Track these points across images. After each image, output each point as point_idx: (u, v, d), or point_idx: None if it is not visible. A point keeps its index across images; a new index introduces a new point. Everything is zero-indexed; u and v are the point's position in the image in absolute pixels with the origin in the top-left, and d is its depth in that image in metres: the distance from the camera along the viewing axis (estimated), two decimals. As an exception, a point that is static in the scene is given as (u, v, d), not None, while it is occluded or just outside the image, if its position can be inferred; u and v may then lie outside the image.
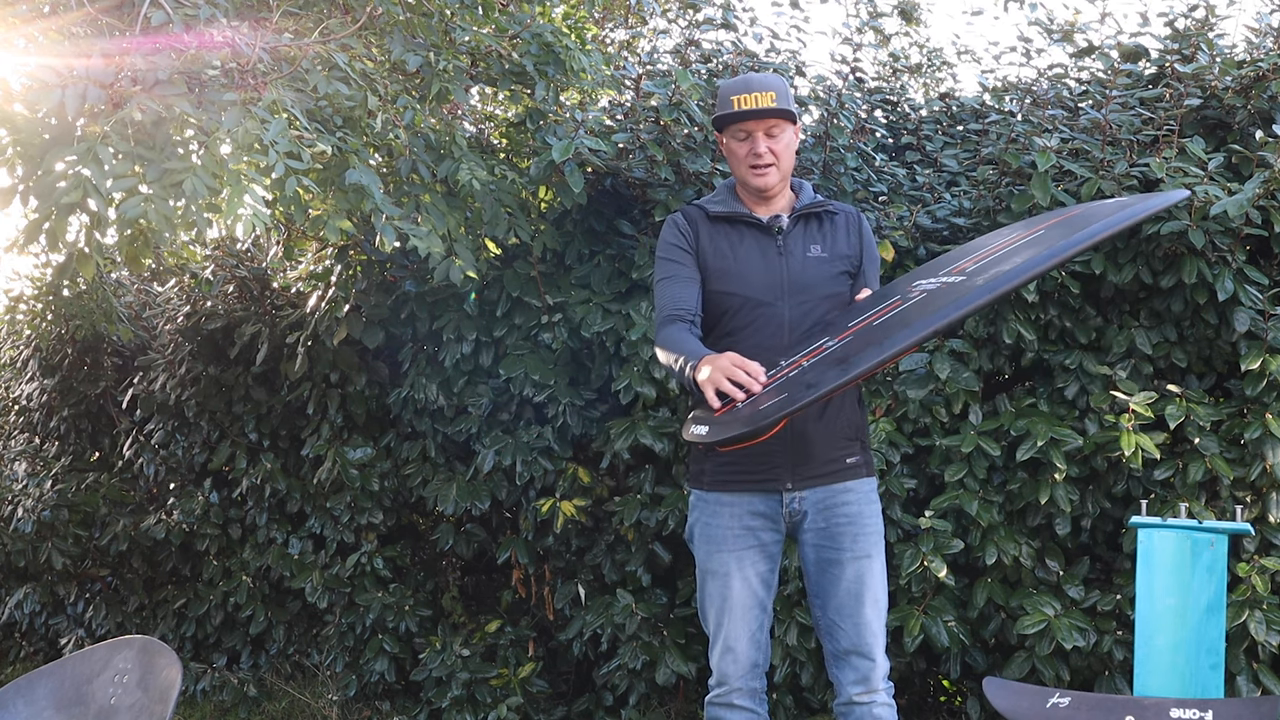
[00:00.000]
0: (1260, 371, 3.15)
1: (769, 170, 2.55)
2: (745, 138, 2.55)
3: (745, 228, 2.60)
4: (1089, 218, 2.33)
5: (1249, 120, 3.49)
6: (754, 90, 2.52)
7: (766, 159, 2.54)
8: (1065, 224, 2.38)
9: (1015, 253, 2.31)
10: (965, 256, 2.48)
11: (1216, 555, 2.64)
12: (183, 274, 4.93)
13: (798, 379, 2.21)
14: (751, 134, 2.54)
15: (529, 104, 3.74)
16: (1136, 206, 2.31)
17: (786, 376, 2.25)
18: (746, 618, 2.54)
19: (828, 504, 2.54)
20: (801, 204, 2.62)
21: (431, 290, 3.98)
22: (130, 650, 2.52)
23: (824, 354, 2.27)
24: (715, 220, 2.62)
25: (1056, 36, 3.84)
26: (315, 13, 3.20)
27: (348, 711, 4.29)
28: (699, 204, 2.68)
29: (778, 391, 2.21)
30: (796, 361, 2.31)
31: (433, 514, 4.40)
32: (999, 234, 2.61)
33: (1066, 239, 2.21)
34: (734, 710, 2.56)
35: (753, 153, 2.54)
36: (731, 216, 2.61)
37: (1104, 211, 2.35)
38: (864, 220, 2.69)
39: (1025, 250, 2.29)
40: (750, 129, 2.54)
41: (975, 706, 3.42)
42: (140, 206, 2.50)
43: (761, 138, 2.54)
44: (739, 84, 2.56)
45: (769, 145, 2.54)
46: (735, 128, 2.55)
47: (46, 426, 5.41)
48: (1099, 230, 2.21)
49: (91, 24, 2.78)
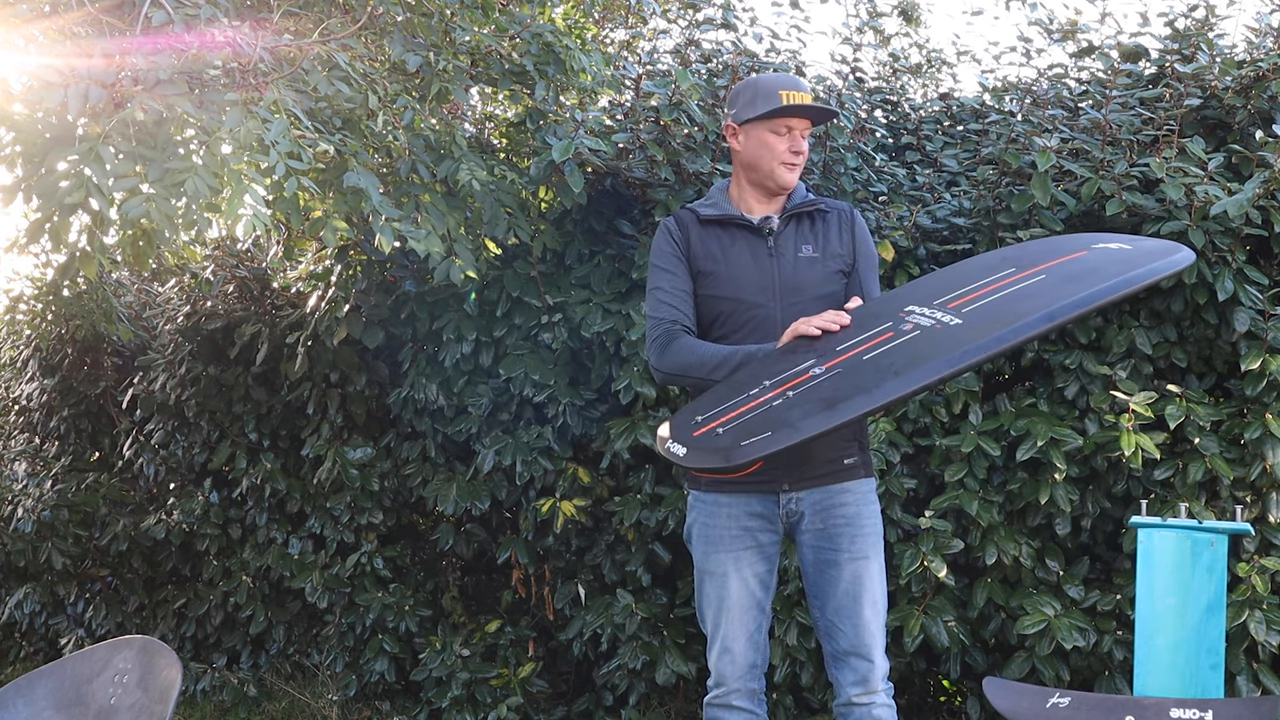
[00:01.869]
0: (1260, 371, 3.15)
1: (797, 168, 2.59)
2: (786, 133, 2.57)
3: (737, 230, 2.60)
4: (1091, 273, 2.30)
5: (1249, 120, 3.49)
6: (799, 89, 2.56)
7: (802, 157, 2.58)
8: (1066, 277, 2.33)
9: (1013, 300, 2.28)
10: (961, 286, 2.44)
11: (1216, 555, 2.64)
12: (183, 274, 4.93)
13: (782, 413, 2.16)
14: (792, 130, 2.57)
15: (529, 104, 3.74)
16: (1141, 271, 2.28)
17: (770, 404, 2.20)
18: (744, 618, 2.54)
19: (825, 505, 2.53)
20: (793, 204, 2.62)
21: (431, 290, 3.98)
22: (130, 650, 2.52)
23: (811, 385, 2.22)
24: (706, 224, 2.62)
25: (1056, 36, 3.84)
26: (316, 13, 3.20)
27: (348, 711, 4.29)
28: (690, 208, 2.68)
29: (760, 423, 2.16)
30: (783, 386, 2.25)
31: (433, 514, 4.40)
32: (996, 258, 2.56)
33: (1066, 300, 2.20)
34: (732, 711, 2.55)
35: (792, 150, 2.57)
36: (723, 219, 2.61)
37: (1108, 264, 2.32)
38: (857, 216, 2.68)
39: (1023, 301, 2.26)
40: (793, 124, 2.57)
41: (975, 706, 3.43)
42: (142, 206, 2.50)
43: (799, 135, 2.58)
44: (786, 80, 2.58)
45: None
46: (779, 122, 2.56)
47: (46, 426, 5.41)
48: (1099, 296, 2.21)
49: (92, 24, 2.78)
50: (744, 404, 2.23)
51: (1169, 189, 3.15)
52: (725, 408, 2.25)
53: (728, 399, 2.28)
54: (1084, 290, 2.23)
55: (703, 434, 2.21)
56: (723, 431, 2.18)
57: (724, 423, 2.20)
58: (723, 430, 2.18)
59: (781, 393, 2.22)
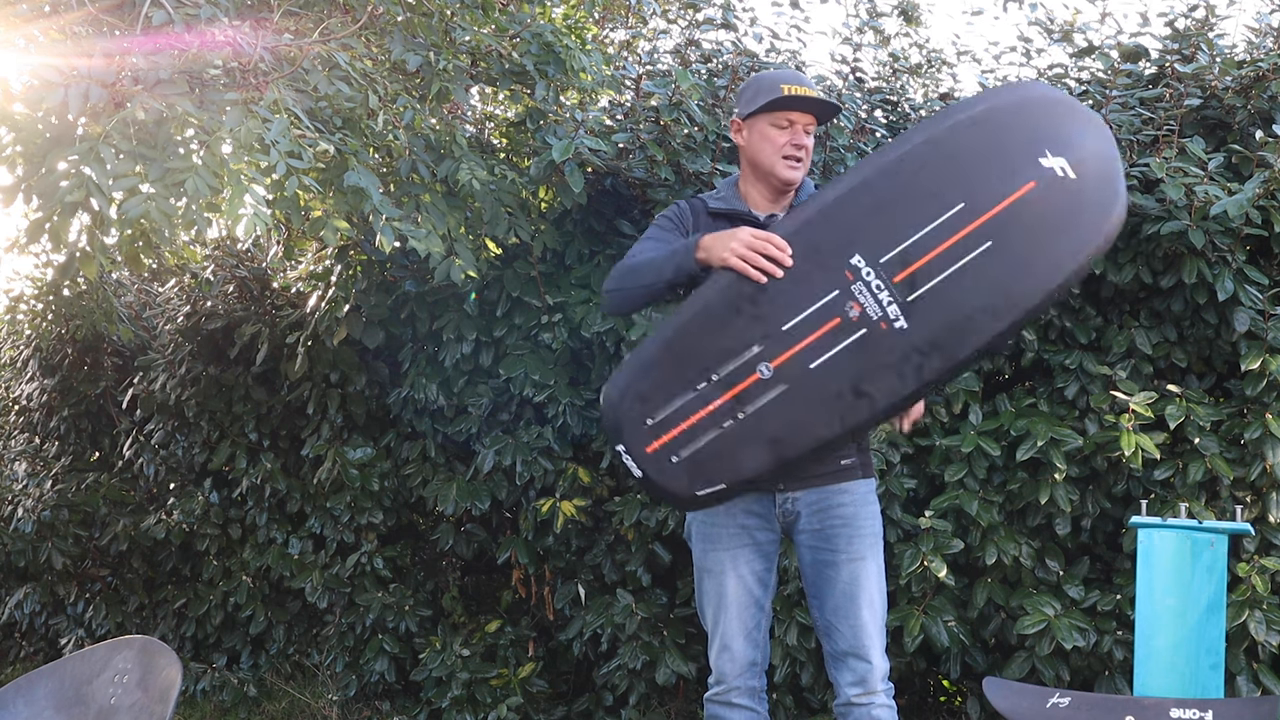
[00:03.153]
0: (1260, 371, 3.15)
1: (801, 164, 2.56)
2: (787, 126, 2.54)
3: (742, 225, 2.59)
4: (1044, 238, 2.27)
5: (1249, 120, 3.49)
6: (803, 84, 2.54)
7: (803, 152, 2.55)
8: (1020, 244, 2.26)
9: (966, 294, 2.25)
10: (907, 230, 2.27)
11: (1216, 555, 2.64)
12: (183, 274, 4.93)
13: (732, 446, 2.29)
14: (794, 124, 2.55)
15: (529, 104, 3.74)
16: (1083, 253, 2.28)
17: (720, 425, 2.29)
18: (742, 615, 2.55)
19: (822, 505, 2.53)
20: (798, 202, 2.60)
21: (431, 290, 3.98)
22: (130, 650, 2.51)
23: (760, 404, 2.28)
24: (714, 216, 2.61)
25: (1056, 36, 3.84)
26: (316, 12, 3.20)
27: (348, 711, 4.29)
28: (702, 198, 2.68)
29: (711, 456, 2.30)
30: (732, 390, 2.29)
31: (433, 514, 4.40)
32: (943, 175, 2.30)
33: (1020, 307, 2.25)
34: (733, 709, 2.56)
35: (792, 143, 2.54)
36: (730, 214, 2.60)
37: (1059, 217, 2.29)
38: None
39: (975, 295, 2.24)
40: (795, 119, 2.54)
41: (975, 706, 3.43)
42: (142, 206, 2.50)
43: (801, 130, 2.55)
44: (787, 75, 2.57)
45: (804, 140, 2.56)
46: (780, 115, 2.54)
47: (46, 426, 5.41)
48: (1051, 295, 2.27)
49: (93, 23, 2.79)
50: (694, 410, 2.31)
51: (1169, 189, 3.15)
52: (675, 412, 2.31)
53: (677, 394, 2.31)
54: (1038, 283, 2.25)
55: (656, 452, 2.32)
56: (676, 461, 2.31)
57: (676, 440, 2.31)
58: (676, 460, 2.31)
59: (731, 401, 2.30)
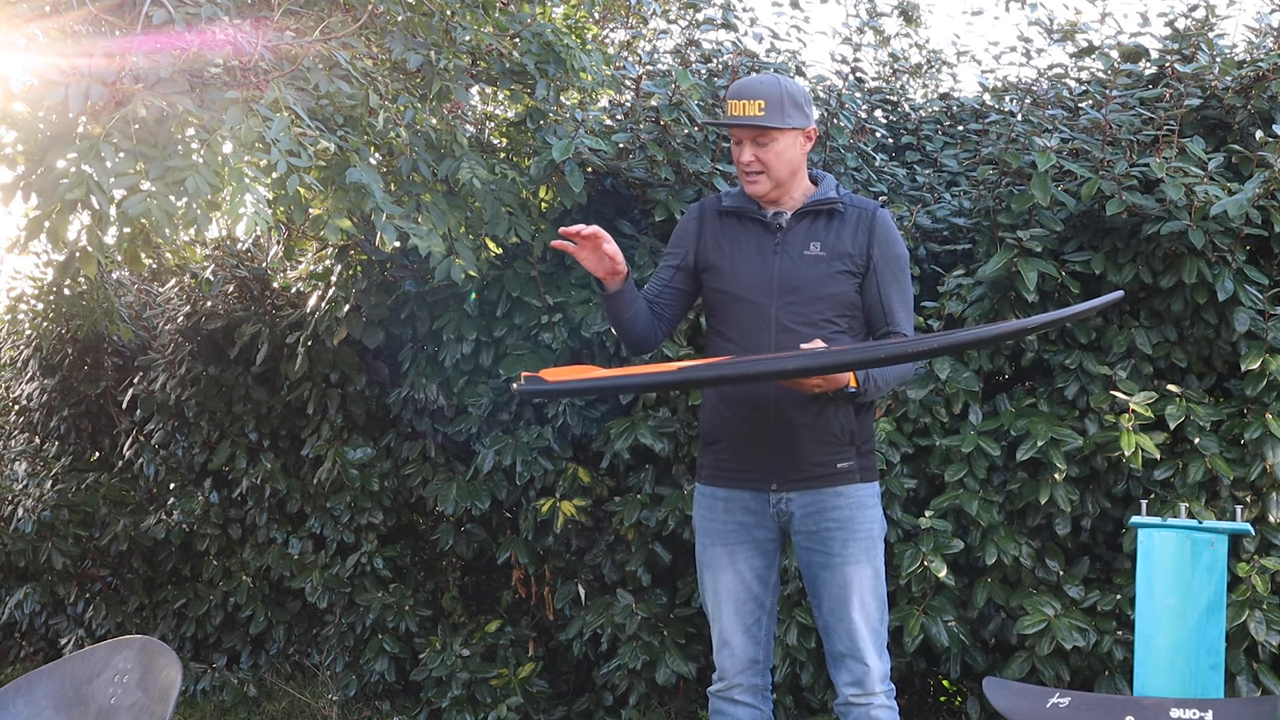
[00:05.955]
0: (1260, 371, 3.15)
1: (758, 178, 2.51)
2: (737, 144, 2.52)
3: (750, 223, 2.59)
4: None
5: (1249, 120, 3.49)
6: (744, 98, 2.47)
7: (753, 167, 2.50)
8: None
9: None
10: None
11: (1216, 555, 2.64)
12: (183, 274, 4.93)
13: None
14: (740, 141, 2.51)
15: (529, 103, 3.74)
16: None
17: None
18: (740, 611, 2.55)
19: (816, 508, 2.52)
20: (810, 200, 2.56)
21: (431, 290, 3.98)
22: (130, 650, 2.51)
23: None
24: (724, 215, 2.61)
25: (1056, 36, 3.84)
26: (316, 11, 3.20)
27: (348, 711, 4.29)
28: (718, 195, 2.69)
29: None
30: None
31: (433, 514, 4.40)
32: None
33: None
34: (735, 705, 2.57)
35: (739, 160, 2.53)
36: (740, 211, 2.60)
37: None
38: (881, 217, 2.55)
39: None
40: (739, 136, 2.51)
41: (975, 706, 3.42)
42: (142, 204, 2.50)
43: (749, 146, 2.49)
44: (734, 89, 2.52)
45: (756, 154, 2.49)
46: (732, 132, 2.54)
47: (46, 426, 5.41)
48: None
49: (93, 23, 2.79)
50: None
51: (1169, 189, 3.15)
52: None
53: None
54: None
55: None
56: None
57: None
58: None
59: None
